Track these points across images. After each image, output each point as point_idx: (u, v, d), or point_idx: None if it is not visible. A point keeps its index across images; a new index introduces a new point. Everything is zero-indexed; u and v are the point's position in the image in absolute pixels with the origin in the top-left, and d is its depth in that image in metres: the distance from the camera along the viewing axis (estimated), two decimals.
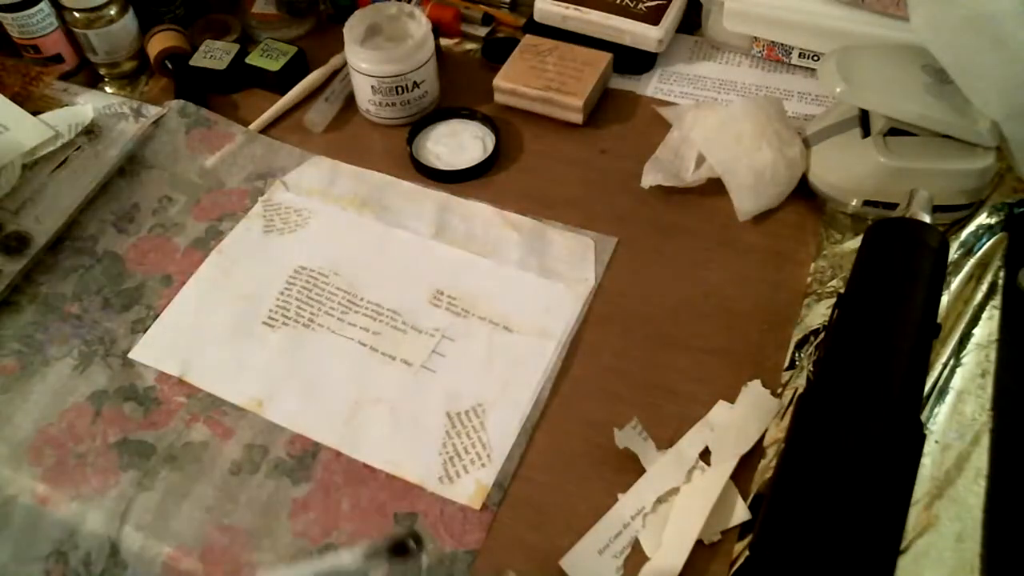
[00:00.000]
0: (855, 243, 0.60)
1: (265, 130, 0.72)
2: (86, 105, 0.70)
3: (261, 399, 0.54)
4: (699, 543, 0.46)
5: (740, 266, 0.60)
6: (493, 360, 0.55)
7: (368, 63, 0.67)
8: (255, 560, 0.47)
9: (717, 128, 0.63)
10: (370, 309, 0.59)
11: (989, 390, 0.51)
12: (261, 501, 0.50)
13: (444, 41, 0.79)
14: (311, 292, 0.60)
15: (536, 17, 0.76)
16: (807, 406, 0.47)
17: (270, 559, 0.47)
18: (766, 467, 0.49)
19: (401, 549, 0.38)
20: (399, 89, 0.68)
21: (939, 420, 0.50)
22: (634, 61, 0.74)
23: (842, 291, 0.54)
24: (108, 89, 0.76)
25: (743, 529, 0.47)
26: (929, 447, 0.49)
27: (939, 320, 0.51)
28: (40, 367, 0.56)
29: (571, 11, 0.74)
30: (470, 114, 0.71)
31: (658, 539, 0.47)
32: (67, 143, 0.67)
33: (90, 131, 0.68)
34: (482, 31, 0.79)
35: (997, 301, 0.56)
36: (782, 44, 0.72)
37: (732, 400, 0.52)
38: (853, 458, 0.43)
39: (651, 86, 0.74)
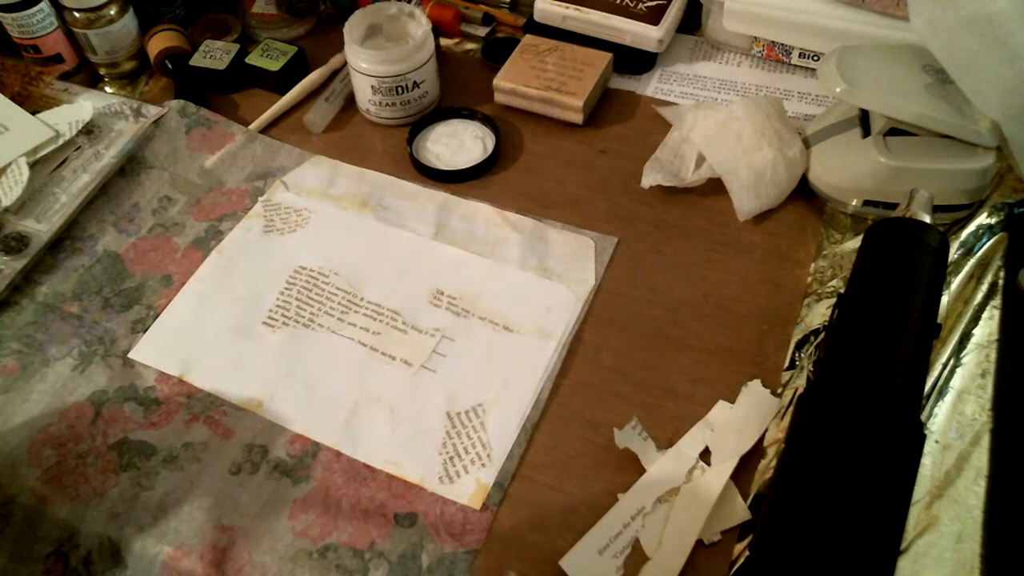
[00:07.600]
0: (855, 243, 0.60)
1: (265, 130, 0.72)
2: (86, 103, 0.70)
3: (261, 399, 0.54)
4: (699, 543, 0.46)
5: (740, 266, 0.60)
6: (493, 360, 0.55)
7: (368, 63, 0.67)
8: (255, 560, 0.47)
9: (717, 128, 0.63)
10: (370, 309, 0.59)
11: (989, 390, 0.51)
12: (261, 501, 0.50)
13: (444, 41, 0.79)
14: (311, 292, 0.60)
15: (536, 17, 0.76)
16: (807, 406, 0.47)
17: (270, 559, 0.47)
18: (766, 467, 0.49)
19: None
20: (399, 89, 0.68)
21: (939, 420, 0.50)
22: (634, 61, 0.74)
23: (842, 291, 0.54)
24: (108, 89, 0.76)
25: (743, 529, 0.47)
26: (929, 447, 0.49)
27: (939, 320, 0.51)
28: (40, 367, 0.56)
29: (571, 11, 0.74)
30: (470, 114, 0.70)
31: (658, 539, 0.47)
32: (67, 143, 0.67)
33: (90, 131, 0.68)
34: (482, 31, 0.79)
35: (997, 301, 0.56)
36: (782, 44, 0.72)
37: (732, 400, 0.52)
38: (853, 458, 0.43)
39: (651, 86, 0.74)
